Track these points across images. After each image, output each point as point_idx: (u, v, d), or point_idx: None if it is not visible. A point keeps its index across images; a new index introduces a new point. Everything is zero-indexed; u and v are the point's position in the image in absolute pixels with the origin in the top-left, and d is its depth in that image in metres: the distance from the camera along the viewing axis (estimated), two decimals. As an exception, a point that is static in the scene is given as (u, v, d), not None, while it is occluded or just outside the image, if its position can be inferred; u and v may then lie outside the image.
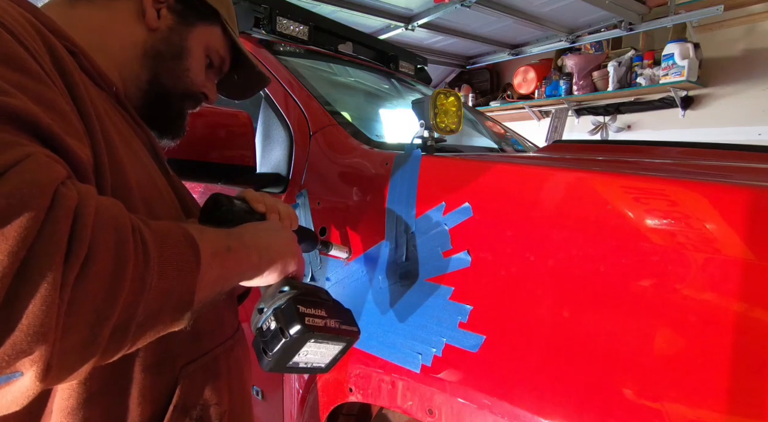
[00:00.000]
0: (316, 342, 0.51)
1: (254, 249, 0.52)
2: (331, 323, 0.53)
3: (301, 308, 0.51)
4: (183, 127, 0.67)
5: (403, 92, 1.66)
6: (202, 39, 0.64)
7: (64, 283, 0.30)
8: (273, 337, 0.50)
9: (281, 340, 0.49)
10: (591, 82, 3.66)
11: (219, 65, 0.68)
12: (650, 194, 0.54)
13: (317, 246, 0.75)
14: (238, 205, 0.60)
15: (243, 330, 0.68)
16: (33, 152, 0.31)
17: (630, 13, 2.81)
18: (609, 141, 3.18)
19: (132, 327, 0.36)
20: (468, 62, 3.94)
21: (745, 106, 3.05)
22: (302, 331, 0.49)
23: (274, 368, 0.51)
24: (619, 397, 0.49)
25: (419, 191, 0.75)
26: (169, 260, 0.38)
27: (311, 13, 1.48)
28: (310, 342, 0.50)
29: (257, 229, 0.55)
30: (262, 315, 0.53)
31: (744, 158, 0.96)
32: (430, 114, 0.81)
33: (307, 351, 0.51)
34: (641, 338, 0.50)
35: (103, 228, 0.33)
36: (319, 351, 0.53)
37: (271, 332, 0.50)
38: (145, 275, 0.35)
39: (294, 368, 0.52)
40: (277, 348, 0.49)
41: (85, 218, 0.32)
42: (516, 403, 0.56)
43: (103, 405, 0.45)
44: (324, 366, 0.55)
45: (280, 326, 0.49)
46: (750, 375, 0.44)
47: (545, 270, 0.58)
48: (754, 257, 0.46)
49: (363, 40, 1.70)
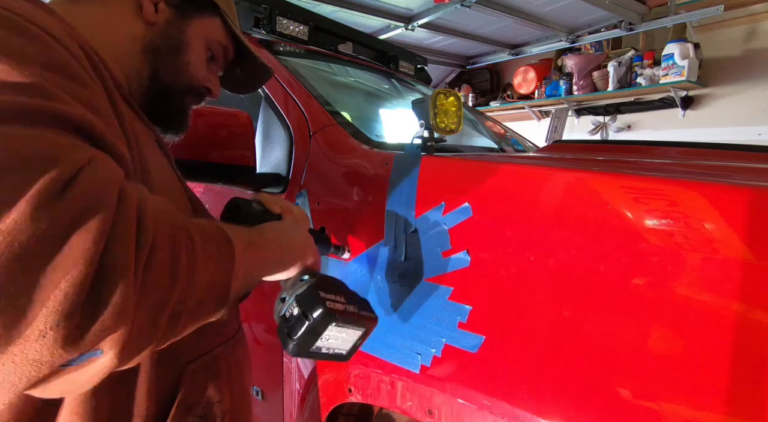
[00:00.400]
0: (337, 326, 0.53)
1: (275, 244, 0.55)
2: (351, 308, 0.55)
3: (322, 293, 0.53)
4: (186, 122, 0.67)
5: (403, 92, 1.66)
6: (202, 32, 0.63)
7: (136, 270, 0.33)
8: (296, 322, 0.52)
9: (304, 324, 0.51)
10: (591, 82, 3.65)
11: (221, 58, 0.68)
12: (650, 194, 0.54)
13: (330, 249, 0.78)
14: (256, 207, 0.63)
15: (243, 331, 0.68)
16: (97, 155, 0.34)
17: (630, 13, 2.81)
18: (609, 141, 3.18)
19: (183, 314, 0.39)
20: (468, 62, 3.94)
21: (745, 106, 3.05)
22: (324, 314, 0.51)
23: (299, 352, 0.52)
24: (618, 397, 0.49)
25: (419, 191, 0.75)
26: (211, 253, 0.42)
27: (311, 13, 1.48)
28: (331, 326, 0.52)
29: (276, 227, 0.58)
30: (284, 304, 0.55)
31: (744, 158, 0.96)
32: (430, 114, 0.81)
33: (329, 335, 0.53)
34: (641, 338, 0.50)
35: (161, 222, 0.36)
36: (341, 336, 0.54)
37: (294, 317, 0.52)
38: (195, 265, 0.39)
39: (317, 353, 0.54)
40: (301, 332, 0.51)
41: (147, 213, 0.35)
42: (516, 403, 0.56)
43: (111, 397, 0.46)
44: (345, 353, 0.57)
45: (303, 310, 0.52)
46: (749, 375, 0.44)
47: (545, 270, 0.58)
48: (753, 257, 0.46)
49: (363, 40, 1.70)
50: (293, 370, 0.94)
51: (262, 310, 1.03)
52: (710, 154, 1.01)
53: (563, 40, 3.26)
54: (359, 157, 0.91)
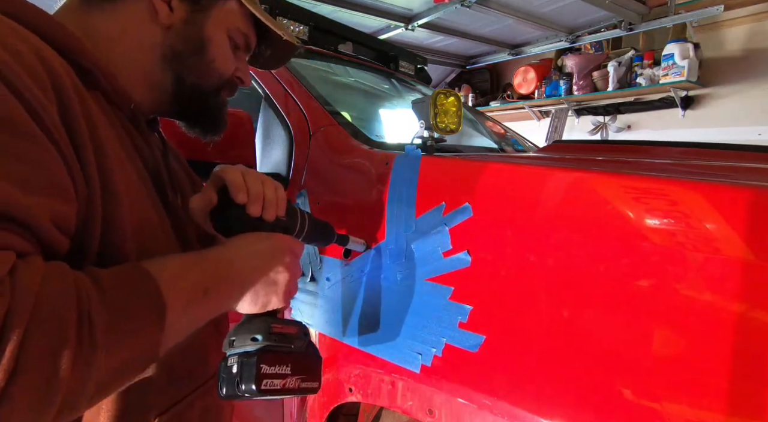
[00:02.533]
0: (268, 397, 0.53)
1: (237, 287, 0.51)
2: (291, 382, 0.54)
3: (264, 367, 0.51)
4: (224, 119, 0.64)
5: (403, 92, 1.66)
6: (221, 22, 0.58)
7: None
8: (230, 381, 0.51)
9: (234, 390, 0.51)
10: (591, 82, 3.66)
11: (245, 44, 0.63)
12: (650, 194, 0.54)
13: (333, 241, 0.75)
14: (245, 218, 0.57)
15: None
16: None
17: (630, 13, 2.81)
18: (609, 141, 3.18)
19: (83, 401, 0.35)
20: (468, 62, 3.95)
21: (745, 106, 3.05)
22: (255, 392, 0.50)
23: (225, 399, 0.52)
24: (619, 397, 0.49)
25: (419, 191, 0.75)
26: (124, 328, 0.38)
27: (311, 13, 1.48)
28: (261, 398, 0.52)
29: (250, 253, 0.53)
30: (231, 348, 0.53)
31: (744, 158, 0.96)
32: (430, 114, 0.81)
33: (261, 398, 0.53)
34: (641, 338, 0.50)
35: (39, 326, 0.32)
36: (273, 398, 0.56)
37: (230, 375, 0.51)
38: (91, 361, 0.34)
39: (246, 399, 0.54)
40: (229, 393, 0.51)
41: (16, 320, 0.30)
42: (516, 403, 0.56)
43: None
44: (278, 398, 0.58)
45: (239, 376, 0.51)
46: (751, 375, 0.44)
47: (545, 270, 0.58)
48: (754, 257, 0.46)
49: (363, 40, 1.70)
50: (293, 370, 0.94)
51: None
52: (710, 154, 1.01)
53: (563, 40, 3.26)
54: (359, 157, 0.91)
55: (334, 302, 0.84)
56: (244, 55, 0.65)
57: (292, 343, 0.56)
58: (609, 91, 3.51)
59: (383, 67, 1.75)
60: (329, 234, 0.74)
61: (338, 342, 0.81)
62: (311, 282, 0.89)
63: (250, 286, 0.52)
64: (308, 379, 0.56)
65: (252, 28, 0.63)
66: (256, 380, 0.50)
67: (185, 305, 0.43)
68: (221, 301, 0.49)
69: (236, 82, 0.63)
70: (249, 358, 0.51)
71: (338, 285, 0.84)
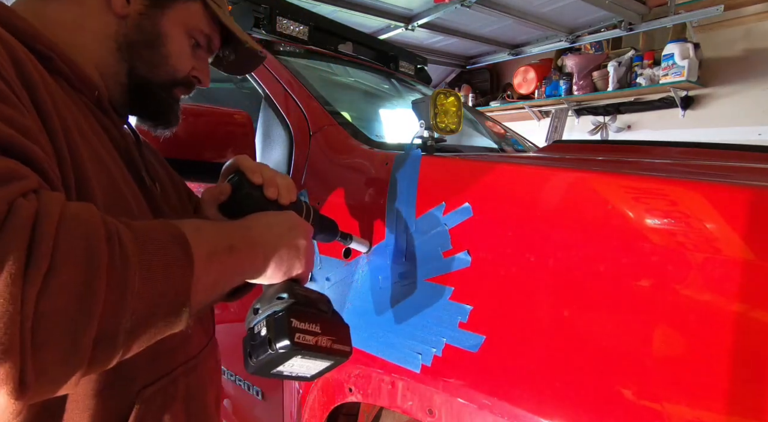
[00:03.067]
0: (303, 358, 0.50)
1: (261, 249, 0.50)
2: (323, 341, 0.52)
3: (295, 322, 0.49)
4: (176, 115, 0.63)
5: (403, 92, 1.66)
6: (180, 20, 0.58)
7: (25, 298, 0.29)
8: (260, 345, 0.49)
9: (267, 351, 0.48)
10: (591, 82, 3.66)
11: (206, 45, 0.63)
12: (650, 194, 0.54)
13: (336, 237, 0.74)
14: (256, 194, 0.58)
15: (215, 341, 0.65)
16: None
17: (630, 13, 2.81)
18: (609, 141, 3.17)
19: (120, 334, 0.34)
20: (468, 62, 3.95)
21: (745, 106, 3.05)
22: (290, 348, 0.48)
23: (256, 373, 0.50)
24: (619, 397, 0.49)
25: (419, 191, 0.75)
26: (155, 262, 0.37)
27: (311, 13, 1.48)
28: (296, 357, 0.49)
29: (270, 223, 0.53)
30: (256, 317, 0.51)
31: (744, 158, 0.96)
32: (430, 114, 0.81)
33: (293, 363, 0.50)
34: (641, 338, 0.50)
35: (69, 236, 0.32)
36: (306, 364, 0.52)
37: (260, 339, 0.49)
38: (125, 281, 0.34)
39: (277, 375, 0.52)
40: (261, 357, 0.48)
41: (45, 228, 0.31)
42: (516, 403, 0.56)
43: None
44: (309, 376, 0.54)
45: (269, 336, 0.48)
46: (751, 375, 0.44)
47: (545, 270, 0.58)
48: (754, 257, 0.46)
49: (363, 40, 1.70)
50: (293, 370, 0.94)
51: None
52: (710, 154, 1.01)
53: (563, 40, 3.26)
54: (359, 157, 0.91)
55: (334, 302, 0.83)
56: (205, 55, 0.65)
57: (317, 307, 0.54)
58: (609, 91, 3.51)
59: (383, 67, 1.75)
60: (333, 229, 0.73)
61: (338, 342, 0.81)
62: (311, 282, 0.89)
63: (274, 251, 0.51)
64: (339, 342, 0.53)
65: (216, 31, 0.64)
66: (289, 334, 0.48)
67: (209, 256, 0.42)
68: (246, 263, 0.49)
69: (193, 81, 0.63)
70: (278, 315, 0.49)
71: (338, 285, 0.84)
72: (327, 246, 0.87)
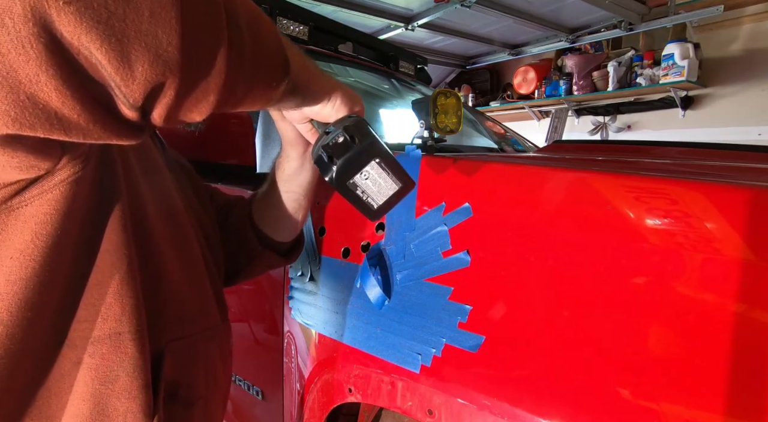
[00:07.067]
0: (378, 166, 0.51)
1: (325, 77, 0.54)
2: (392, 164, 0.53)
3: (371, 128, 0.52)
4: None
5: (403, 92, 1.66)
6: None
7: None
8: (342, 147, 0.50)
9: (350, 149, 0.50)
10: (591, 82, 3.66)
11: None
12: (650, 194, 0.54)
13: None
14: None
15: (229, 329, 0.69)
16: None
17: (630, 13, 2.82)
18: (609, 141, 3.18)
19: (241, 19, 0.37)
20: (468, 62, 3.95)
21: (745, 106, 3.05)
22: (372, 144, 0.50)
23: (337, 179, 0.51)
24: (619, 398, 0.49)
25: (419, 191, 0.75)
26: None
27: (311, 13, 1.48)
28: (374, 162, 0.51)
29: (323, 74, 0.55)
30: (329, 135, 0.52)
31: (744, 158, 0.96)
32: (430, 114, 0.81)
33: (369, 173, 0.51)
34: (641, 338, 0.50)
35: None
36: (378, 180, 0.53)
37: (340, 144, 0.50)
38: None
39: (351, 191, 0.52)
40: (345, 157, 0.50)
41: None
42: (516, 403, 0.56)
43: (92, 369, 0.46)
44: (375, 206, 0.55)
45: (352, 135, 0.50)
46: (750, 375, 0.44)
47: (545, 270, 0.58)
48: (754, 257, 0.46)
49: (363, 40, 1.70)
50: (293, 370, 0.94)
51: (261, 310, 1.04)
52: (710, 154, 1.01)
53: (563, 40, 3.27)
54: (359, 157, 0.91)
55: (334, 302, 0.84)
56: None
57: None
58: (609, 91, 3.51)
59: (383, 67, 1.75)
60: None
61: (338, 342, 0.81)
62: (311, 282, 0.89)
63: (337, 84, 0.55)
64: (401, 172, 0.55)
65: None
66: (370, 134, 0.50)
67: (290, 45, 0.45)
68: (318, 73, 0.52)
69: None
70: (356, 124, 0.52)
71: (337, 285, 0.84)
72: (327, 246, 0.87)
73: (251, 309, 1.05)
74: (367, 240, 0.81)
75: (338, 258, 0.85)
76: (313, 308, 0.87)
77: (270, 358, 0.99)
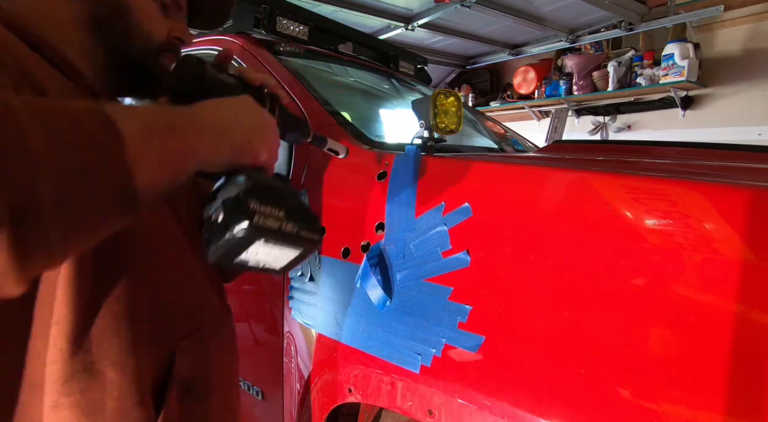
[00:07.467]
0: (267, 244, 0.46)
1: (209, 130, 0.45)
2: (288, 227, 0.46)
3: (254, 204, 0.44)
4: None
5: (403, 92, 1.66)
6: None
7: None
8: (218, 231, 0.44)
9: (224, 236, 0.44)
10: (591, 82, 3.66)
11: (173, 3, 0.61)
12: (650, 194, 0.54)
13: (309, 138, 0.68)
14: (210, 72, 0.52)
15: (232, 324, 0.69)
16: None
17: (630, 13, 2.82)
18: (609, 141, 3.18)
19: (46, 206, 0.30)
20: (468, 62, 3.95)
21: (745, 106, 3.05)
22: (247, 231, 0.43)
23: (218, 260, 0.46)
24: (619, 398, 0.49)
25: (419, 191, 0.75)
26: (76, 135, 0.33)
27: (311, 13, 1.48)
28: (258, 243, 0.45)
29: (221, 107, 0.48)
30: (212, 204, 0.47)
31: (744, 158, 0.96)
32: (430, 114, 0.81)
33: (257, 251, 0.46)
34: (641, 338, 0.50)
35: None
36: (272, 252, 0.47)
37: (217, 225, 0.44)
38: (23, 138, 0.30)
39: (242, 265, 0.47)
40: (220, 243, 0.44)
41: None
42: (516, 404, 0.56)
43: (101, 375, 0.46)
44: (278, 269, 0.50)
45: (226, 220, 0.44)
46: (749, 375, 0.44)
47: (545, 270, 0.58)
48: (754, 257, 0.46)
49: (363, 40, 1.70)
50: (293, 370, 0.94)
51: (261, 310, 1.03)
52: (710, 154, 1.01)
53: (563, 40, 3.26)
54: (359, 157, 0.91)
55: (334, 302, 0.84)
56: (178, 14, 0.63)
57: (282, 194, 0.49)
58: (609, 91, 3.51)
59: (383, 67, 1.75)
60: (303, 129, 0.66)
61: (337, 342, 0.81)
62: (311, 282, 0.89)
63: (227, 133, 0.47)
64: (306, 228, 0.48)
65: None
66: (247, 216, 0.43)
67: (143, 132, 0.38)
68: (194, 143, 0.43)
69: (176, 42, 0.61)
70: (236, 197, 0.45)
71: (337, 285, 0.84)
72: (327, 246, 0.87)
73: (251, 309, 1.05)
74: (367, 240, 0.81)
75: (338, 258, 0.85)
76: (313, 308, 0.87)
77: (270, 358, 0.99)
